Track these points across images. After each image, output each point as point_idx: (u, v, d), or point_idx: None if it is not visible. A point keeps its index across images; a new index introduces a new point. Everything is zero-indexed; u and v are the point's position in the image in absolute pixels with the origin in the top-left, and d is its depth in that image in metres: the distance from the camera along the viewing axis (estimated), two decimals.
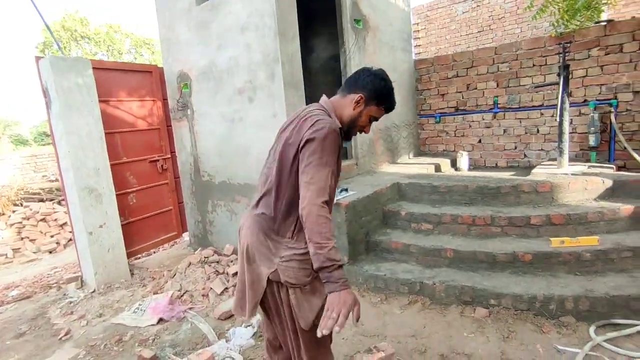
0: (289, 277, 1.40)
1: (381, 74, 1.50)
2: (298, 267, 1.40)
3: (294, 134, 1.40)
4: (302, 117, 1.43)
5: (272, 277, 1.42)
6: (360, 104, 1.48)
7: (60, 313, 3.26)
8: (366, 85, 1.47)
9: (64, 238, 6.44)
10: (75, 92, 3.53)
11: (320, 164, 1.29)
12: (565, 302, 2.44)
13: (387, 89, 1.49)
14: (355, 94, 1.48)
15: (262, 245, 1.45)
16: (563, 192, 3.21)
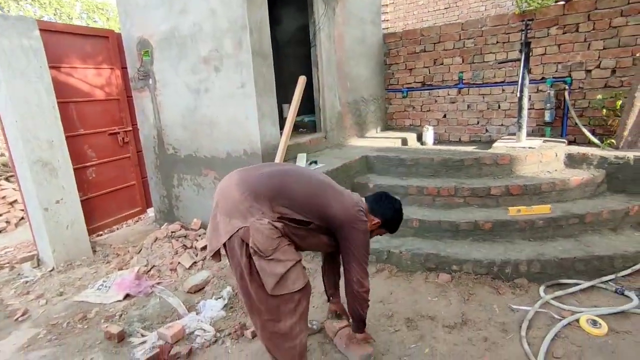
0: (256, 242, 1.54)
1: (400, 208, 1.96)
2: (266, 236, 1.55)
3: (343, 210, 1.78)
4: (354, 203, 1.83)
5: (241, 234, 1.57)
6: (374, 223, 1.90)
7: (15, 293, 3.09)
8: (385, 214, 1.91)
9: (15, 217, 6.03)
10: (20, 55, 3.23)
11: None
12: (520, 265, 2.63)
13: (399, 219, 1.96)
14: (375, 217, 1.90)
15: (245, 205, 1.61)
16: (521, 164, 3.39)
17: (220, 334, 2.34)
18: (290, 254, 1.65)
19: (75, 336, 2.46)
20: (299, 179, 1.78)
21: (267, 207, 1.63)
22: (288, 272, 1.60)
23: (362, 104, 4.98)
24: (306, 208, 1.71)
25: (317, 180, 1.82)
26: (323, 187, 1.79)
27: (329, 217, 1.74)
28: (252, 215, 1.59)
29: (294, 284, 1.62)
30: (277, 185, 1.69)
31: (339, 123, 4.55)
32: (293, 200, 1.69)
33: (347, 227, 1.75)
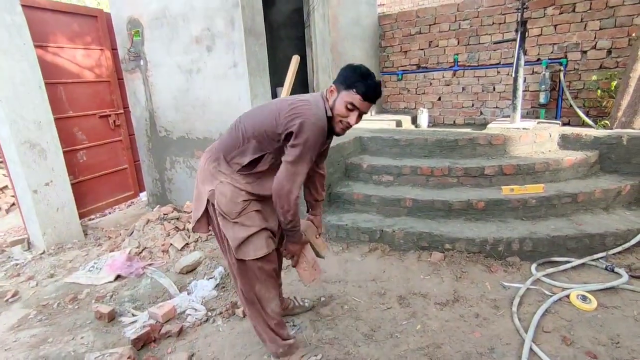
0: (220, 204, 1.61)
1: (354, 64, 1.59)
2: (229, 198, 1.61)
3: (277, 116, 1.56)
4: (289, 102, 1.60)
5: (210, 197, 1.64)
6: (333, 93, 1.57)
7: (5, 275, 3.06)
8: (339, 76, 1.59)
9: (6, 202, 5.96)
10: (2, 31, 3.12)
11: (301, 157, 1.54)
12: (512, 244, 2.64)
13: (356, 71, 1.53)
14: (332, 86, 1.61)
15: (209, 168, 1.67)
16: (514, 144, 3.38)
17: (212, 313, 2.33)
18: (256, 220, 1.64)
19: (66, 316, 2.44)
20: (253, 112, 1.70)
21: (225, 164, 1.65)
22: (250, 237, 1.62)
23: None
24: (253, 141, 1.58)
25: (274, 103, 1.64)
26: (276, 106, 1.58)
27: (269, 134, 1.56)
28: (216, 177, 1.64)
29: (256, 252, 1.64)
30: (229, 135, 1.68)
31: None
32: (241, 139, 1.61)
33: (282, 131, 1.53)
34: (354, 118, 1.54)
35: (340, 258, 2.90)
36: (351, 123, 1.55)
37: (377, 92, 1.54)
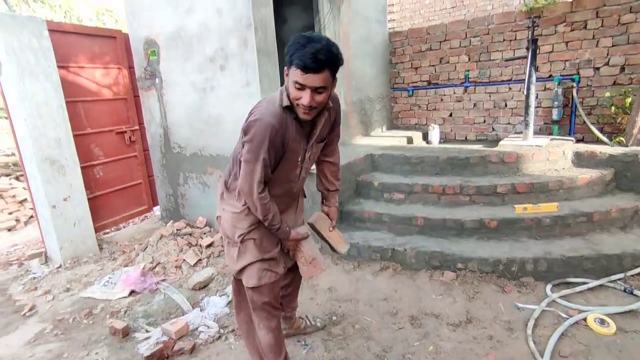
0: (223, 229, 1.70)
1: (297, 35, 1.32)
2: (230, 224, 1.65)
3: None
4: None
5: (218, 222, 1.74)
6: (287, 76, 1.38)
7: (23, 289, 3.13)
8: (285, 55, 1.35)
9: (24, 215, 6.12)
10: (29, 54, 3.28)
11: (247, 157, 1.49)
12: (526, 264, 2.60)
13: (295, 41, 1.29)
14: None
15: (219, 194, 1.75)
16: (527, 162, 3.36)
17: (224, 331, 2.34)
18: (253, 251, 1.64)
19: (81, 331, 2.48)
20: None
21: (226, 190, 1.70)
22: (245, 268, 1.66)
23: (368, 103, 4.97)
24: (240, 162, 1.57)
25: None
26: None
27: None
28: (221, 204, 1.72)
29: (247, 281, 1.67)
30: (230, 159, 1.71)
31: (344, 122, 4.54)
32: (232, 164, 1.68)
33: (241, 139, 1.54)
34: (307, 97, 1.31)
35: (352, 276, 2.89)
36: (304, 103, 1.32)
37: (318, 58, 1.24)
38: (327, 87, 1.33)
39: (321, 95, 1.34)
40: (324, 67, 1.28)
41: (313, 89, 1.31)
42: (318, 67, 1.26)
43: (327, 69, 1.29)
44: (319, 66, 1.26)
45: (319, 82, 1.29)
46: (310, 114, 1.40)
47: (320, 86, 1.31)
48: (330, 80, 1.33)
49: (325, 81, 1.31)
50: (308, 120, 1.44)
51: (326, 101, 1.39)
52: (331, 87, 1.38)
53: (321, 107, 1.41)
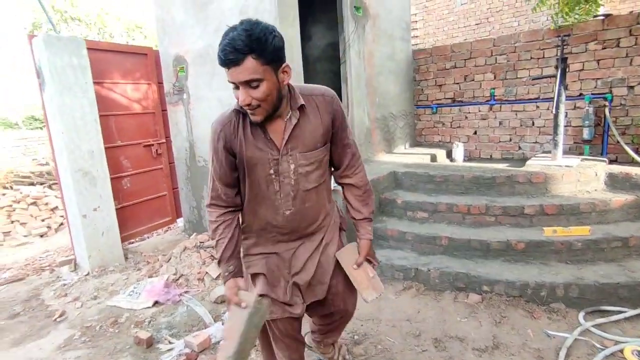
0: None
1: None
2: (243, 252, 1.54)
3: None
4: None
5: None
6: None
7: (54, 295, 3.24)
8: None
9: (55, 222, 6.37)
10: (69, 72, 3.46)
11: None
12: (556, 289, 2.50)
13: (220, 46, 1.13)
14: None
15: None
16: (556, 183, 3.26)
17: None
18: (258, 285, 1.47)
19: (107, 339, 2.54)
20: None
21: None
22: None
23: (391, 120, 4.97)
24: None
25: None
26: None
27: None
28: None
29: None
30: None
31: (367, 139, 4.56)
32: None
33: None
34: (241, 95, 1.15)
35: None
36: (240, 102, 1.16)
37: (234, 47, 1.07)
38: (261, 78, 1.12)
39: (258, 90, 1.14)
40: (244, 56, 1.08)
41: (244, 84, 1.12)
42: (235, 57, 1.08)
43: (251, 57, 1.08)
44: (236, 57, 1.08)
45: (245, 75, 1.10)
46: (257, 114, 1.20)
47: (250, 79, 1.11)
48: (262, 68, 1.11)
49: (254, 71, 1.10)
50: (258, 121, 1.23)
51: (271, 96, 1.17)
52: (273, 78, 1.16)
53: (270, 106, 1.20)
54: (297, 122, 1.29)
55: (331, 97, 1.38)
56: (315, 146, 1.35)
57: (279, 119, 1.29)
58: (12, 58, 16.92)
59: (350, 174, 1.51)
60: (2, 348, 2.50)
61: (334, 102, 1.38)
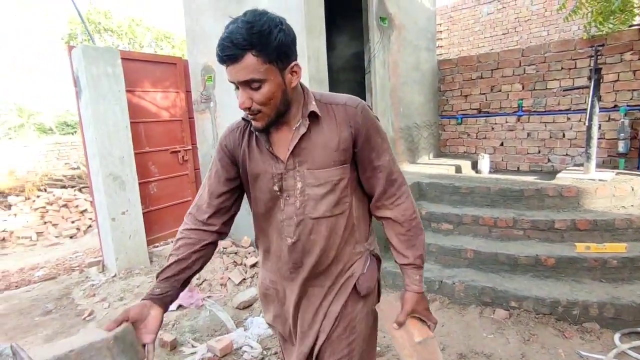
0: None
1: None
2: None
3: None
4: None
5: None
6: None
7: (84, 295, 3.35)
8: None
9: (84, 224, 6.60)
10: (104, 81, 3.62)
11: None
12: (590, 308, 2.40)
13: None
14: None
15: None
16: (589, 197, 3.14)
17: (267, 352, 2.35)
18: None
19: None
20: None
21: None
22: None
23: (415, 130, 4.93)
24: None
25: None
26: None
27: None
28: None
29: None
30: None
31: (392, 148, 4.52)
32: None
33: None
34: (240, 97, 0.99)
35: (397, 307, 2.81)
36: (239, 105, 1.00)
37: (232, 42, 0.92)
38: (262, 78, 0.96)
39: (259, 91, 0.97)
40: (243, 51, 0.92)
41: (244, 84, 0.97)
42: (233, 53, 0.93)
43: (251, 53, 0.93)
44: (234, 52, 0.92)
45: (243, 74, 0.95)
46: (258, 119, 1.03)
47: (250, 79, 0.95)
48: (265, 67, 0.95)
49: (254, 70, 0.94)
50: (260, 129, 1.06)
51: (274, 100, 1.00)
52: (278, 79, 0.99)
53: (273, 111, 1.02)
54: (306, 132, 1.07)
55: (355, 107, 1.11)
56: (328, 164, 1.10)
57: (287, 127, 1.09)
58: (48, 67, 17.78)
59: (389, 204, 1.17)
60: (36, 344, 2.60)
61: (358, 114, 1.10)
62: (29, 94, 16.30)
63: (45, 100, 16.88)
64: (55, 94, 16.89)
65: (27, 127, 18.08)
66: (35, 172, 7.90)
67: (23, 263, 4.62)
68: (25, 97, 15.41)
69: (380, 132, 1.17)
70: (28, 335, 2.73)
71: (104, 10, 18.30)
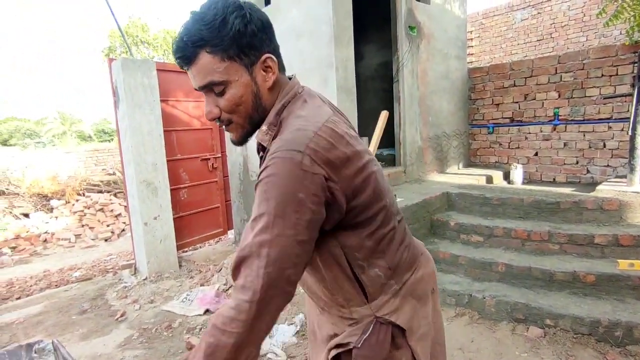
0: None
1: None
2: None
3: None
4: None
5: None
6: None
7: (117, 296, 3.48)
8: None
9: (118, 228, 6.89)
10: (140, 91, 3.79)
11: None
12: (634, 330, 2.24)
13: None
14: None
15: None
16: (633, 211, 2.96)
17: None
18: None
19: (162, 342, 2.66)
20: None
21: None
22: None
23: (444, 139, 4.84)
24: None
25: None
26: None
27: None
28: None
29: None
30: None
31: (419, 158, 4.47)
32: None
33: None
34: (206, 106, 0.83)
35: None
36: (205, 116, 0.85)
37: (176, 47, 0.78)
38: (224, 80, 0.78)
39: (223, 97, 0.80)
40: (196, 49, 0.76)
41: (206, 90, 0.81)
42: (184, 54, 0.77)
43: (204, 50, 0.76)
44: (184, 53, 0.77)
45: (201, 77, 0.79)
46: (231, 131, 0.88)
47: (209, 81, 0.78)
48: (224, 65, 0.77)
49: (211, 70, 0.77)
50: (236, 143, 0.90)
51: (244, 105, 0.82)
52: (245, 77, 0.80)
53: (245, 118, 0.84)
54: (263, 155, 0.85)
55: (272, 153, 0.75)
56: None
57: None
58: (89, 78, 18.82)
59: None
60: (73, 341, 2.73)
61: (267, 160, 0.75)
62: (70, 103, 17.28)
63: (86, 108, 17.83)
64: (93, 103, 17.82)
65: (68, 135, 19.16)
66: (75, 178, 8.34)
67: (62, 263, 4.87)
68: (66, 106, 16.39)
69: (262, 190, 0.73)
70: (65, 332, 2.86)
71: (141, 23, 19.26)
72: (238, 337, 0.67)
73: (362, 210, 0.82)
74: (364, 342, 0.87)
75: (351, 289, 0.88)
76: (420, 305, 0.94)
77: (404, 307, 0.90)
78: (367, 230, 0.84)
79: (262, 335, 0.71)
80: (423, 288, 0.97)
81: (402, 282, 0.92)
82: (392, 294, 0.90)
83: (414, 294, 0.93)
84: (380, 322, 0.88)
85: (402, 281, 0.92)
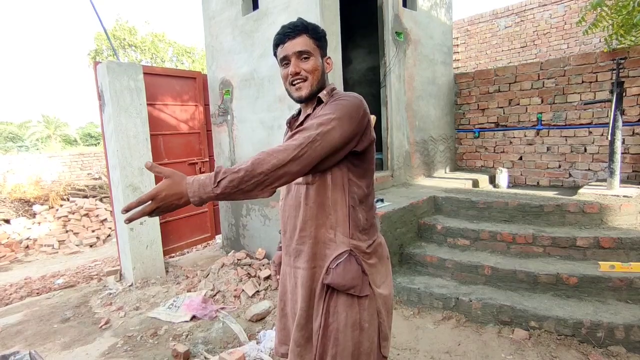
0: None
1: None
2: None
3: None
4: None
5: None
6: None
7: (101, 303, 3.40)
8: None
9: (104, 234, 6.76)
10: (126, 94, 3.74)
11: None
12: (615, 330, 2.29)
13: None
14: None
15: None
16: (613, 214, 3.04)
17: None
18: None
19: (147, 350, 2.61)
20: None
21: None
22: None
23: (431, 144, 4.90)
24: None
25: None
26: None
27: None
28: None
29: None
30: None
31: (407, 162, 4.51)
32: None
33: None
34: (292, 66, 1.23)
35: (411, 324, 2.75)
36: (290, 72, 1.23)
37: (292, 25, 1.23)
38: (312, 52, 1.21)
39: (307, 62, 1.21)
40: (300, 32, 1.21)
41: (297, 55, 1.21)
42: (292, 32, 1.21)
43: (305, 34, 1.22)
44: (293, 31, 1.21)
45: (299, 46, 1.20)
46: (303, 87, 1.23)
47: (303, 49, 1.20)
48: (314, 46, 1.22)
49: (307, 44, 1.21)
50: (302, 97, 1.24)
51: (317, 72, 1.23)
52: (320, 60, 1.24)
53: (315, 82, 1.23)
54: (310, 114, 1.25)
55: (341, 95, 1.21)
56: None
57: (310, 107, 1.27)
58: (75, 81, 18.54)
59: None
60: (55, 350, 2.66)
61: (333, 96, 1.23)
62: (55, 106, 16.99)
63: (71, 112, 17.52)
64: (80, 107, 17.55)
65: (53, 139, 18.79)
66: (59, 182, 8.17)
67: (45, 270, 4.76)
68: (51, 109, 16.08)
69: (334, 106, 1.15)
70: (46, 342, 2.78)
71: (129, 27, 19.04)
72: (277, 160, 1.02)
73: (367, 161, 1.23)
74: (338, 264, 1.19)
75: (343, 215, 1.21)
76: (380, 264, 1.29)
77: (372, 258, 1.25)
78: (364, 182, 1.23)
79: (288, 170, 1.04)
80: (382, 253, 1.31)
81: (372, 240, 1.26)
82: (365, 244, 1.23)
83: (377, 253, 1.28)
84: (353, 255, 1.20)
85: (372, 239, 1.27)
